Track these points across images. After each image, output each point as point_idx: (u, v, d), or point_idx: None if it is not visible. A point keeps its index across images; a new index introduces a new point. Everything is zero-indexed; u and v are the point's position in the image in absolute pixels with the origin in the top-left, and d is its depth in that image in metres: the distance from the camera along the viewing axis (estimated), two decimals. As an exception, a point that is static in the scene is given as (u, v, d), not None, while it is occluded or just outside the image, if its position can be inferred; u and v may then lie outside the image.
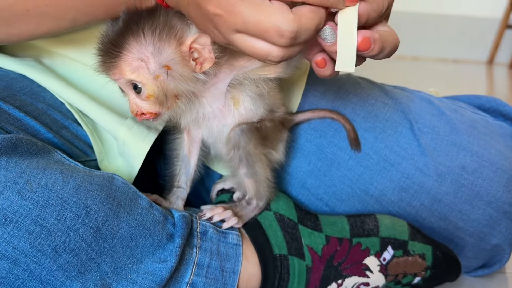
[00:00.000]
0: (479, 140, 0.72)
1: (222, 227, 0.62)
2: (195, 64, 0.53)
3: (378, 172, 0.71)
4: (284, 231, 0.64)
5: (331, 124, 0.73)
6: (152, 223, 0.56)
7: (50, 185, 0.50)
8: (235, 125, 0.61)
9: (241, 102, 0.60)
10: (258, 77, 0.57)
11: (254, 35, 0.44)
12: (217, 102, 0.59)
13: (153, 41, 0.51)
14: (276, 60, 0.46)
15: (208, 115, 0.60)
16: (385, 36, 0.48)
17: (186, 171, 0.65)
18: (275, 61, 0.46)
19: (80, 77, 0.66)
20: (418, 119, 0.73)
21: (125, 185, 0.56)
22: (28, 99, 0.62)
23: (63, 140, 0.63)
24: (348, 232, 0.66)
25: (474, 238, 0.71)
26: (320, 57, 0.49)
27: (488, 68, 2.28)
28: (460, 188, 0.70)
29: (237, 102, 0.60)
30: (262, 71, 0.57)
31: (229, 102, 0.60)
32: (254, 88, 0.59)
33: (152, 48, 0.51)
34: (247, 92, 0.60)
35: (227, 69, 0.56)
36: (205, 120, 0.61)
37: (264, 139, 0.62)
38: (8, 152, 0.50)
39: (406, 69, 2.07)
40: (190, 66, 0.53)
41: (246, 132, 0.60)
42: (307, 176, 0.72)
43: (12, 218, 0.47)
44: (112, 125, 0.63)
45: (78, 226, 0.50)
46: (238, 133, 0.60)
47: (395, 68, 1.97)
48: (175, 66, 0.52)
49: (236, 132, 0.61)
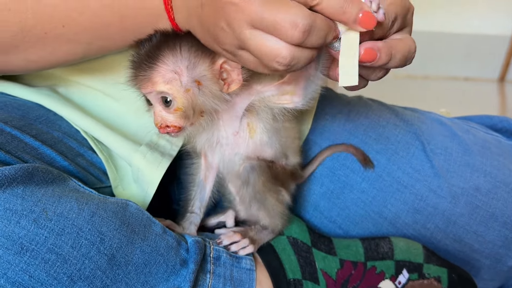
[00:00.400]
0: (492, 161, 0.71)
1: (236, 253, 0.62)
2: (223, 84, 0.54)
3: (391, 194, 0.70)
4: (297, 255, 0.64)
5: (343, 147, 0.73)
6: (166, 249, 0.56)
7: (66, 213, 0.51)
8: (247, 158, 0.61)
9: (257, 132, 0.61)
10: (275, 106, 0.58)
11: (268, 29, 0.44)
12: (233, 126, 0.60)
13: (189, 56, 0.53)
14: (284, 63, 0.45)
15: (222, 140, 0.61)
16: (393, 44, 0.48)
17: (200, 196, 0.66)
18: (283, 65, 0.45)
19: (95, 105, 0.67)
20: (430, 140, 0.73)
21: (139, 211, 0.57)
22: (44, 127, 0.64)
23: (79, 168, 0.63)
24: (363, 256, 0.66)
25: (490, 260, 0.70)
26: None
27: (499, 85, 2.27)
28: (475, 209, 0.69)
29: (252, 130, 0.61)
30: (278, 99, 0.57)
31: (244, 129, 0.60)
32: (271, 119, 0.60)
33: (187, 62, 0.53)
34: (264, 123, 0.60)
35: (246, 92, 0.57)
36: (219, 146, 0.62)
37: (275, 178, 0.62)
38: (25, 181, 0.51)
39: (417, 88, 2.07)
40: (219, 84, 0.54)
41: (256, 169, 0.61)
42: (320, 199, 0.72)
43: (29, 247, 0.48)
44: (126, 152, 0.64)
45: (93, 253, 0.50)
46: (248, 170, 0.61)
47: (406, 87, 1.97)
48: (205, 82, 0.54)
49: (246, 169, 0.61)
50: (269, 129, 0.61)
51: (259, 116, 0.60)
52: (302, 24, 0.43)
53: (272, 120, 0.60)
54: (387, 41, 0.49)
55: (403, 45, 0.49)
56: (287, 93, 0.57)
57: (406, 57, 0.50)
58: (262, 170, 0.61)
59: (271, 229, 0.65)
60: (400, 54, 0.49)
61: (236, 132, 0.60)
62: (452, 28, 2.34)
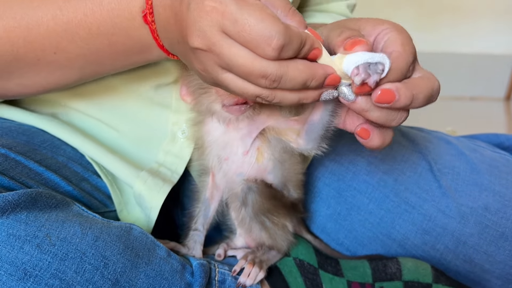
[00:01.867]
0: (500, 180, 0.70)
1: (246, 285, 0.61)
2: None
3: (399, 215, 0.69)
4: (304, 277, 0.63)
5: (349, 168, 0.72)
6: (170, 273, 0.55)
7: (69, 237, 0.50)
8: (247, 180, 0.61)
9: (264, 157, 0.61)
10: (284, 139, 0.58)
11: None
12: (245, 145, 0.60)
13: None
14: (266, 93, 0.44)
15: (230, 157, 0.61)
16: (414, 83, 0.47)
17: (204, 214, 0.65)
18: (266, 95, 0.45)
19: (95, 131, 0.67)
20: (437, 159, 0.72)
21: (143, 235, 0.56)
22: (49, 153, 0.64)
23: (83, 193, 0.63)
24: (370, 277, 0.65)
25: (501, 281, 0.69)
26: (360, 127, 0.49)
27: (506, 104, 2.26)
28: (484, 229, 0.68)
29: (260, 155, 0.61)
30: (286, 134, 0.58)
31: (253, 152, 0.61)
32: (280, 150, 0.60)
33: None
34: (273, 151, 0.61)
35: (265, 114, 0.58)
36: (225, 163, 0.62)
37: (273, 199, 0.62)
38: (28, 207, 0.50)
39: (422, 108, 2.06)
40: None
41: (254, 189, 0.61)
42: (326, 221, 0.72)
43: (32, 273, 0.47)
44: (127, 178, 0.64)
45: (97, 278, 0.50)
46: (245, 191, 0.61)
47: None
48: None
49: (244, 190, 0.61)
50: (276, 158, 0.61)
51: (270, 143, 0.60)
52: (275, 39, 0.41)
53: (281, 151, 0.60)
54: (407, 81, 0.47)
55: (425, 83, 0.47)
56: (294, 132, 0.57)
57: (429, 97, 0.47)
58: (260, 191, 0.61)
59: (277, 250, 0.64)
60: (423, 94, 0.46)
61: (246, 152, 0.61)
62: (456, 48, 2.34)
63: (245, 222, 0.62)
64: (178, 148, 0.67)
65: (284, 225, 0.63)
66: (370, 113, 0.47)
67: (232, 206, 0.64)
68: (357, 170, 0.72)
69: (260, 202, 0.61)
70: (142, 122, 0.67)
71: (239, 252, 0.66)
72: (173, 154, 0.67)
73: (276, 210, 0.62)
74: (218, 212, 0.66)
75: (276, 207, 0.62)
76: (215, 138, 0.61)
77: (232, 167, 0.62)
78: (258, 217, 0.61)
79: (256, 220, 0.62)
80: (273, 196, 0.62)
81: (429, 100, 0.48)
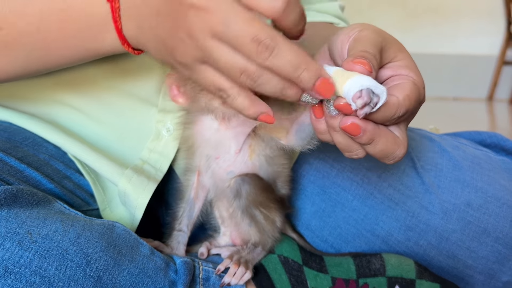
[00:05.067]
0: (482, 176, 0.71)
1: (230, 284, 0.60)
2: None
3: (383, 211, 0.70)
4: (289, 274, 0.63)
5: (333, 165, 0.73)
6: (154, 271, 0.55)
7: (51, 235, 0.50)
8: (238, 175, 0.61)
9: (256, 154, 0.61)
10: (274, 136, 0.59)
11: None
12: (237, 143, 0.60)
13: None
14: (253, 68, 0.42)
15: (222, 155, 0.61)
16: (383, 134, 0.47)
17: (189, 214, 0.65)
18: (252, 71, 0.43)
19: (78, 127, 0.66)
20: (421, 157, 0.73)
21: (126, 233, 0.56)
22: (30, 150, 0.63)
23: (65, 191, 0.63)
24: (354, 273, 0.65)
25: (484, 276, 0.69)
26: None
27: (488, 104, 2.29)
28: (467, 225, 0.69)
29: (253, 152, 0.61)
30: (276, 131, 0.58)
31: (246, 150, 0.61)
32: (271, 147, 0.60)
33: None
34: (264, 148, 0.61)
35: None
36: (215, 162, 0.61)
37: (266, 191, 0.62)
38: (9, 204, 0.50)
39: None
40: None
41: (247, 181, 0.61)
42: (311, 218, 0.72)
43: (13, 270, 0.47)
44: (112, 175, 0.63)
45: (79, 275, 0.49)
46: (239, 182, 0.60)
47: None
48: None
49: (237, 181, 0.61)
50: (267, 155, 0.61)
51: (262, 140, 0.60)
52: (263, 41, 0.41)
53: (272, 148, 0.61)
54: (380, 128, 0.47)
55: (392, 144, 0.47)
56: (284, 130, 0.57)
57: (386, 155, 0.48)
58: (254, 182, 0.61)
59: (262, 246, 0.64)
60: (381, 148, 0.47)
61: (239, 150, 0.60)
62: (441, 50, 2.37)
63: (236, 215, 0.62)
64: (162, 146, 0.67)
65: (273, 221, 0.63)
66: (336, 134, 0.48)
67: (219, 203, 0.64)
68: (341, 167, 0.72)
69: (254, 194, 0.60)
70: (126, 116, 0.66)
71: (223, 250, 0.66)
72: (158, 152, 0.67)
73: (267, 203, 0.62)
74: (202, 211, 0.66)
75: (268, 200, 0.62)
76: (207, 137, 0.61)
77: (223, 165, 0.61)
78: (249, 209, 0.61)
79: (247, 214, 0.61)
80: (265, 189, 0.62)
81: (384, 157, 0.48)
